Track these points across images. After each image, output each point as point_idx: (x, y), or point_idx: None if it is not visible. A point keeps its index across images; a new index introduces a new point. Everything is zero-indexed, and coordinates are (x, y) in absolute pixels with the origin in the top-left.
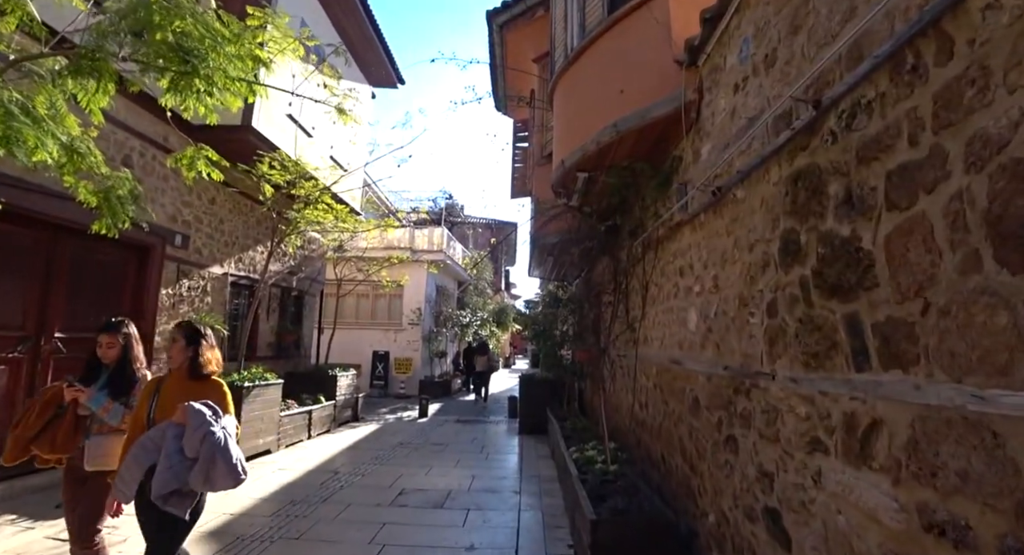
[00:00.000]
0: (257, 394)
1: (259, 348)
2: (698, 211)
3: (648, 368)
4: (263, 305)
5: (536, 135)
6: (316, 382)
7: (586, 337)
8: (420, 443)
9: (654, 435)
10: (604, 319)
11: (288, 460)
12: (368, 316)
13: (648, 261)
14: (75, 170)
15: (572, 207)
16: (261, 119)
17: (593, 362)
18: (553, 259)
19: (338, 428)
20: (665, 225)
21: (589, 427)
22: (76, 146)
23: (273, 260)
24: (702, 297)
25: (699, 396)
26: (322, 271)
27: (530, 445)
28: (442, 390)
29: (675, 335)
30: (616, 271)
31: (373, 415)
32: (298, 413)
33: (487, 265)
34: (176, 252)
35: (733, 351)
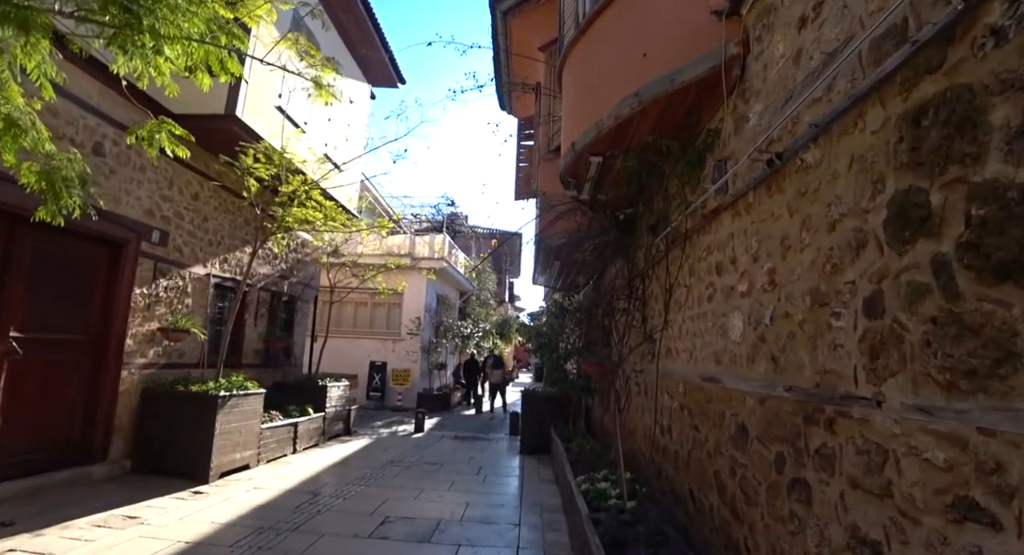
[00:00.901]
0: (234, 405)
1: (245, 355)
2: (744, 190)
3: (672, 385)
4: (250, 310)
5: (542, 128)
6: (305, 393)
7: (594, 349)
8: (413, 461)
9: (680, 466)
10: (616, 329)
11: (266, 477)
12: (366, 325)
13: (673, 260)
14: (16, 147)
15: (582, 201)
16: (246, 109)
17: (605, 377)
18: (560, 264)
19: (327, 442)
20: (697, 214)
21: (597, 450)
22: (16, 118)
23: (262, 262)
24: (750, 298)
25: (746, 423)
26: (316, 276)
27: (532, 467)
28: (441, 404)
29: (709, 346)
30: (631, 275)
31: (367, 428)
32: (282, 426)
33: (490, 275)
34: (153, 249)
35: (802, 366)
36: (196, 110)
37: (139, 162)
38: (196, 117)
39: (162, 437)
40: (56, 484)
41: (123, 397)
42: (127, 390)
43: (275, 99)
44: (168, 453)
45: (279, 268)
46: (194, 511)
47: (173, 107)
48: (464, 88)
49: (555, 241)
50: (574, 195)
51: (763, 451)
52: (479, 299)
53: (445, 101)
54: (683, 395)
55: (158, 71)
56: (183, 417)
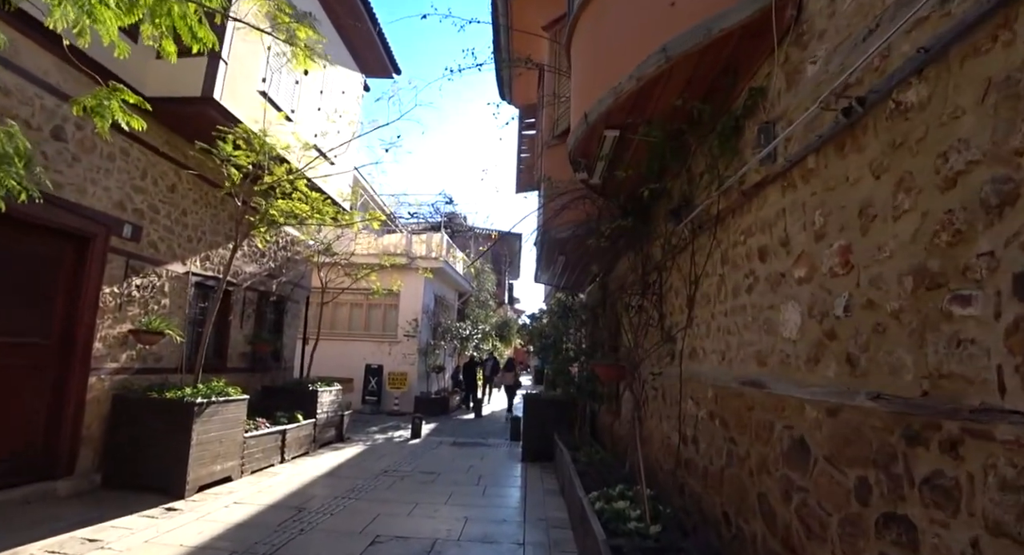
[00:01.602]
0: (214, 412)
1: (230, 359)
2: (801, 155)
3: (698, 391)
4: (235, 310)
5: (546, 111)
6: (295, 398)
7: (601, 351)
8: (408, 471)
9: (711, 483)
10: (628, 329)
11: (249, 491)
12: (361, 327)
13: (700, 248)
14: None
15: (592, 187)
16: (226, 92)
17: (618, 381)
18: (564, 259)
19: (318, 450)
20: (732, 192)
21: (608, 460)
22: None
23: (248, 260)
24: (811, 285)
25: (807, 438)
26: (307, 276)
27: (535, 475)
28: (439, 408)
29: (750, 345)
30: (646, 268)
31: (361, 434)
32: (268, 434)
33: (489, 275)
34: (124, 245)
35: (899, 368)
36: (170, 92)
37: (107, 150)
38: (170, 100)
39: (135, 448)
40: (13, 502)
41: (92, 405)
42: (96, 397)
43: (258, 83)
44: (141, 466)
45: (267, 267)
46: (163, 532)
47: (145, 89)
48: (462, 67)
49: (560, 233)
50: (584, 178)
51: (835, 475)
52: (478, 300)
53: (441, 81)
54: (713, 402)
55: (103, 26)
56: (157, 426)
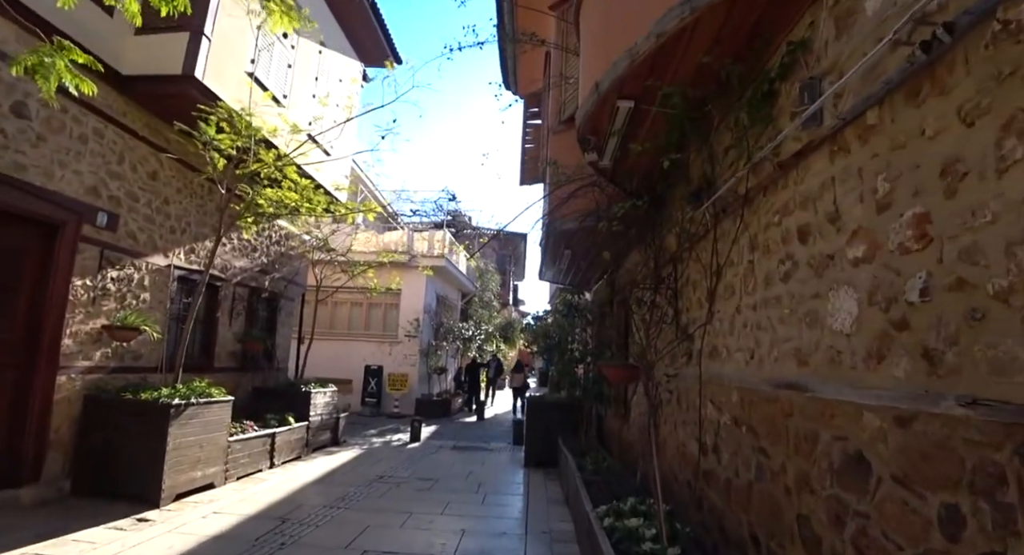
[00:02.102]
0: (193, 415)
1: (218, 358)
2: (858, 111)
3: (721, 394)
4: (224, 307)
5: (553, 94)
6: (287, 400)
7: (608, 351)
8: (404, 477)
9: (736, 499)
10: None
11: (231, 499)
12: (361, 326)
13: (723, 234)
14: None
15: (601, 170)
16: (209, 70)
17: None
18: (571, 253)
19: (311, 454)
20: (765, 166)
21: (616, 469)
22: None
23: (238, 254)
24: (872, 266)
25: (867, 453)
26: (303, 272)
27: (537, 482)
28: (441, 410)
29: (787, 341)
30: (659, 261)
31: (359, 437)
32: (256, 438)
33: (493, 275)
34: (99, 234)
35: (1007, 365)
36: (149, 70)
37: (78, 130)
38: (149, 79)
39: (107, 453)
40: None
41: (61, 406)
42: (66, 398)
43: (246, 64)
44: (114, 472)
45: (259, 262)
46: (129, 546)
47: (123, 67)
48: (462, 45)
49: (566, 225)
50: (593, 160)
51: (909, 500)
52: (482, 300)
53: (440, 61)
54: (739, 407)
55: None
56: (131, 429)
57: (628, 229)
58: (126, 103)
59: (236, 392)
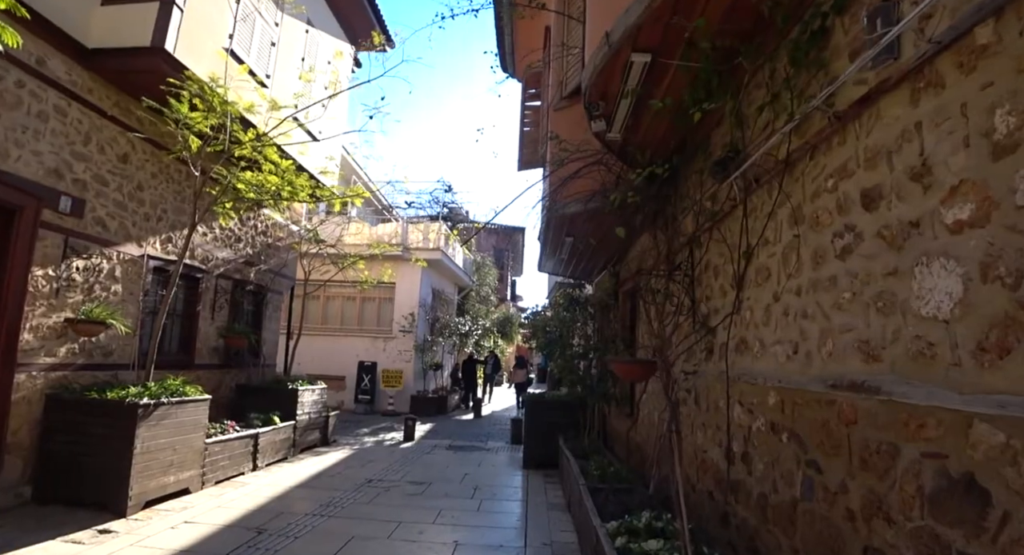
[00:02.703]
0: (164, 415)
1: (198, 354)
2: (964, 27)
3: (752, 394)
4: (204, 299)
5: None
6: (273, 398)
7: (610, 346)
8: (395, 480)
9: (774, 519)
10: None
11: (206, 506)
12: (354, 322)
13: (755, 208)
14: None
15: (609, 143)
16: (180, 44)
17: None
18: (572, 241)
19: (299, 455)
20: (813, 123)
21: (624, 475)
22: None
23: (220, 245)
24: (987, 229)
25: (983, 478)
26: (291, 265)
27: (537, 486)
28: (436, 408)
29: (848, 331)
30: (672, 245)
31: (350, 437)
32: (237, 439)
33: (491, 269)
34: (62, 220)
35: None
36: (116, 42)
37: (37, 107)
38: (116, 52)
39: (71, 457)
40: None
41: (20, 407)
42: (26, 398)
43: (223, 39)
44: (78, 478)
45: (243, 253)
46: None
47: (89, 40)
48: (455, 12)
49: (569, 208)
50: (600, 130)
51: None
52: (479, 295)
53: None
54: (778, 410)
55: None
56: (96, 432)
57: (640, 208)
58: (92, 79)
59: (218, 390)
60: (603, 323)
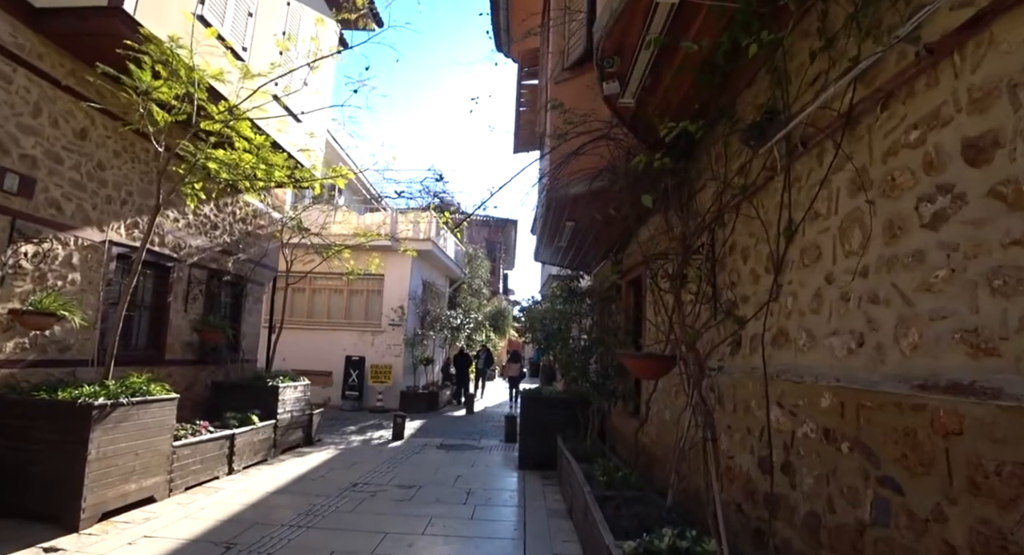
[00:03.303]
0: (124, 417)
1: (170, 349)
2: None
3: (798, 395)
4: (176, 290)
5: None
6: (252, 395)
7: (612, 339)
8: (382, 484)
9: (832, 543)
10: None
11: (172, 516)
12: (342, 315)
13: (802, 176)
14: None
15: (620, 110)
16: (141, 4)
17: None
18: (573, 227)
19: (280, 456)
20: (886, 67)
21: (631, 478)
22: None
23: (196, 232)
24: None
25: None
26: (274, 255)
27: (535, 489)
28: (427, 404)
29: (945, 319)
30: (687, 228)
31: (336, 435)
32: (209, 440)
33: (483, 261)
34: (8, 201)
35: None
36: (66, 2)
37: None
38: (67, 12)
39: (17, 465)
40: None
41: None
42: None
43: (192, 4)
44: (25, 488)
45: (221, 241)
46: None
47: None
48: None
49: (571, 189)
50: (612, 94)
51: None
52: (471, 288)
53: None
54: (835, 414)
55: None
56: (46, 436)
57: (667, 174)
58: (42, 43)
59: (193, 387)
60: (603, 316)
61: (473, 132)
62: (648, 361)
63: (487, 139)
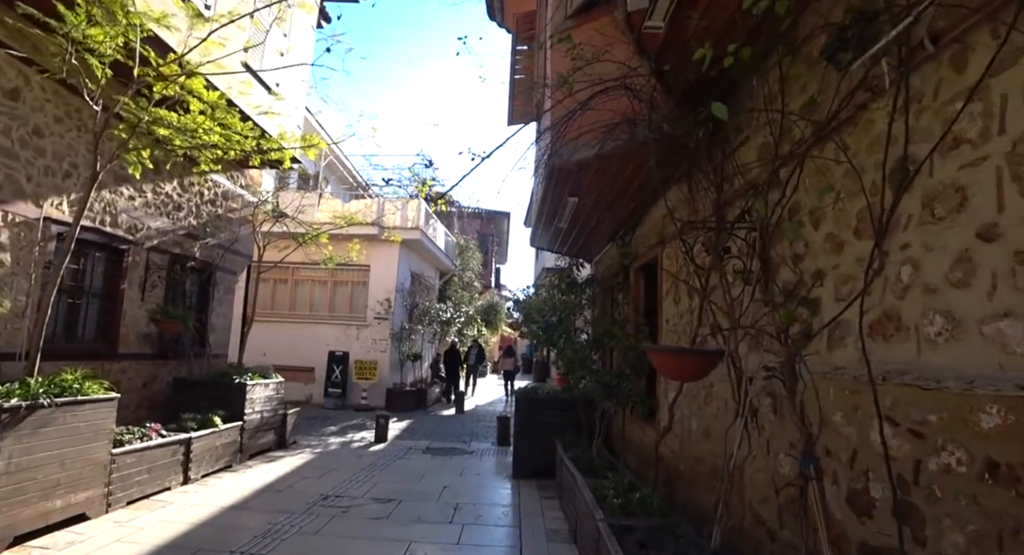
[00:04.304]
0: (46, 420)
1: (124, 341)
2: None
3: (931, 409)
4: (131, 276)
5: None
6: (218, 394)
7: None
8: (357, 497)
9: None
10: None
11: (103, 539)
12: (325, 308)
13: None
14: None
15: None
16: None
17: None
18: (576, 203)
19: (247, 462)
20: None
21: (651, 501)
22: None
23: (155, 212)
24: None
25: None
26: (248, 241)
27: (531, 504)
28: (415, 402)
29: None
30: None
31: (314, 437)
32: (159, 446)
33: (474, 253)
34: None
35: None
36: None
37: None
38: None
39: None
40: None
41: None
42: None
43: None
44: None
45: (185, 223)
46: None
47: None
48: None
49: (576, 154)
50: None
51: None
52: (462, 281)
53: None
54: (1014, 439)
55: None
56: None
57: (684, 140)
58: None
59: (151, 385)
60: (605, 307)
61: (463, 41)
62: (685, 358)
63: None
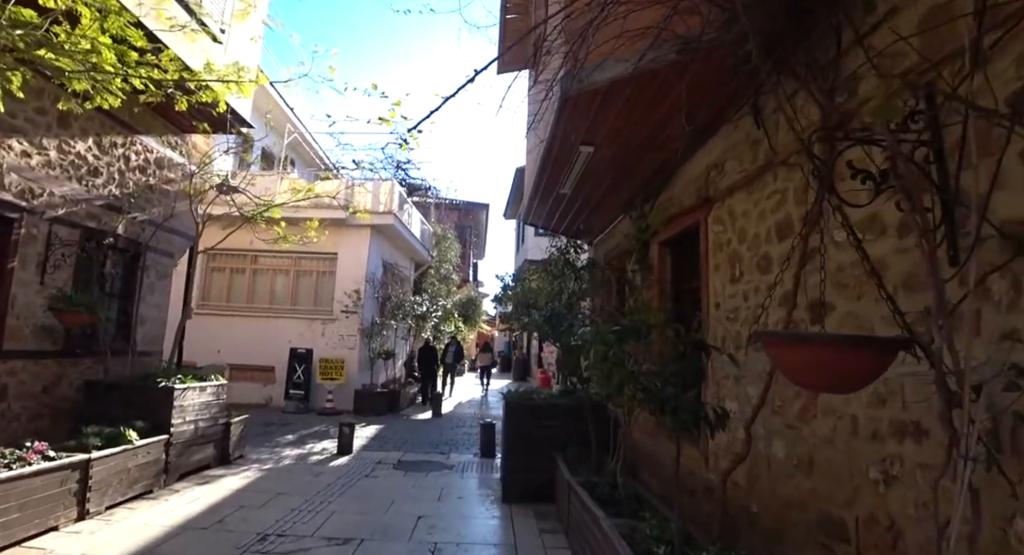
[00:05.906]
0: None
1: (13, 334)
2: None
3: None
4: (24, 253)
5: None
6: (140, 400)
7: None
8: (305, 535)
9: None
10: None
11: None
12: (287, 300)
13: None
14: None
15: None
16: None
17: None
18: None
19: (175, 485)
20: None
21: None
22: None
23: (62, 175)
24: None
25: None
26: (189, 218)
27: (530, 544)
28: (387, 405)
29: None
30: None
31: (267, 449)
32: (38, 474)
33: (452, 243)
34: None
35: None
36: None
37: None
38: None
39: None
40: None
41: None
42: None
43: None
44: None
45: (105, 192)
46: None
47: None
48: None
49: (605, 72)
50: None
51: None
52: (439, 273)
53: None
54: None
55: None
56: None
57: None
58: None
59: (55, 389)
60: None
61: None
62: (852, 355)
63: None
